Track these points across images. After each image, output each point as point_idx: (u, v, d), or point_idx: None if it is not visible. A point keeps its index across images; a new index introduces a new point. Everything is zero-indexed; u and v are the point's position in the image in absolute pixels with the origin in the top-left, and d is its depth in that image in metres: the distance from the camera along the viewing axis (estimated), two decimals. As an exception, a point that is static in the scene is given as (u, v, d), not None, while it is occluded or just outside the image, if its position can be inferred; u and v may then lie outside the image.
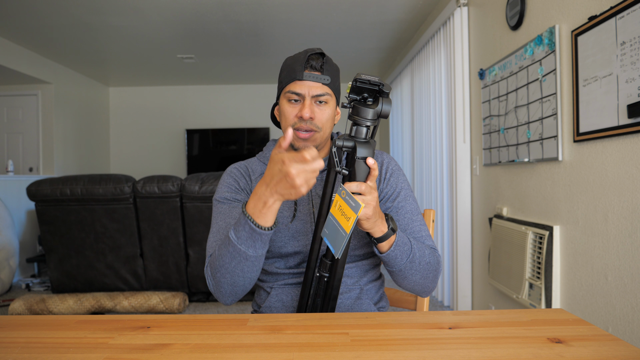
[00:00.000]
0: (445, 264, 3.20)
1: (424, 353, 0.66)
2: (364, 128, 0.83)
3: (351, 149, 0.83)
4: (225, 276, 0.89)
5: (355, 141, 0.83)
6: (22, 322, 0.83)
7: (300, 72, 0.96)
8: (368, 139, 0.84)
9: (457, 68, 2.86)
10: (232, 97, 6.41)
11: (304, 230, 1.02)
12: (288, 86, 0.98)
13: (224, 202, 1.02)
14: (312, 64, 0.97)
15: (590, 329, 0.75)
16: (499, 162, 2.41)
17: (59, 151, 5.07)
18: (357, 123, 0.82)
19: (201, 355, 0.66)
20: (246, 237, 0.84)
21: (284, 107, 0.99)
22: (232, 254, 0.86)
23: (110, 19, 3.68)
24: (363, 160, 0.82)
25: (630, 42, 1.44)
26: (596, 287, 1.67)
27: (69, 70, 5.26)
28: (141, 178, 3.06)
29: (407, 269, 0.92)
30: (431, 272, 0.96)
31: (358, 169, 0.82)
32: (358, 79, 0.79)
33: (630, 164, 1.47)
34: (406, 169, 4.50)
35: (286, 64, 1.01)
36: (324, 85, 0.97)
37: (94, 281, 3.15)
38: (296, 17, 3.74)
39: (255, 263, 0.88)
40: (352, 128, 0.83)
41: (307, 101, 0.96)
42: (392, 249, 0.89)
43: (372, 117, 0.81)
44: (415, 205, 1.05)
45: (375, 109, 0.81)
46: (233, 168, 1.09)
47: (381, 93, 0.82)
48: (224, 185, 1.05)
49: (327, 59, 0.99)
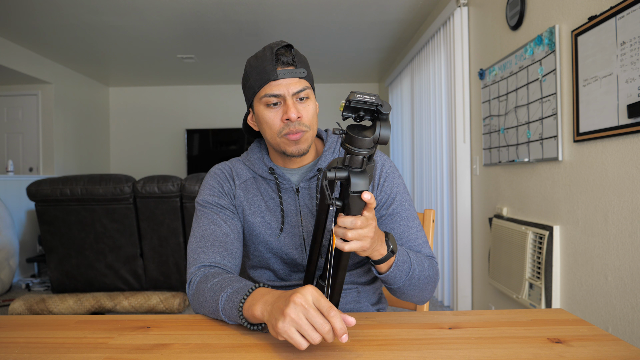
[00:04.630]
0: (445, 264, 3.20)
1: (424, 353, 0.66)
2: (358, 157, 0.71)
3: (345, 179, 0.72)
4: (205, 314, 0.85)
5: (349, 171, 0.71)
6: (22, 322, 0.83)
7: (273, 72, 0.86)
8: (364, 168, 0.72)
9: (457, 68, 2.86)
10: (232, 97, 6.41)
11: (292, 244, 0.97)
12: (262, 90, 0.88)
13: (207, 207, 0.97)
14: (283, 59, 0.87)
15: (590, 329, 0.75)
16: (499, 162, 2.41)
17: (59, 151, 5.07)
18: (352, 153, 0.70)
19: (201, 355, 0.66)
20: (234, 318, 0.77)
21: (264, 115, 0.90)
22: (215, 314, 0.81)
23: (110, 19, 3.68)
24: (358, 195, 0.71)
25: (630, 42, 1.44)
26: (596, 287, 1.67)
27: (69, 70, 5.26)
28: (141, 178, 3.06)
29: (406, 286, 0.88)
30: (430, 285, 0.92)
31: (353, 204, 0.71)
32: (352, 100, 0.67)
33: (630, 164, 1.47)
34: (406, 169, 4.50)
35: (252, 67, 0.90)
36: (302, 79, 0.89)
37: (94, 281, 3.15)
38: (296, 17, 3.74)
39: None
40: (345, 156, 0.72)
41: (290, 101, 0.88)
42: (392, 270, 0.84)
43: (368, 147, 0.70)
44: (411, 210, 0.99)
45: (372, 137, 0.68)
46: (217, 170, 1.02)
47: (379, 114, 0.70)
48: (207, 187, 0.99)
49: (295, 50, 0.90)
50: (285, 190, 0.98)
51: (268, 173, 0.99)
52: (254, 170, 1.01)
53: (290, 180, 0.98)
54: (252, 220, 0.98)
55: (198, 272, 0.89)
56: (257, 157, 1.01)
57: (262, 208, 0.99)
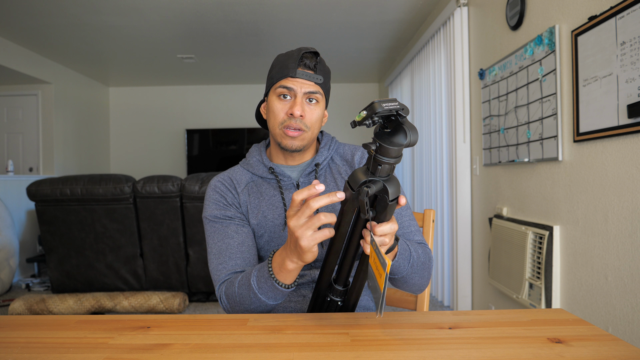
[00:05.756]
0: (445, 264, 3.20)
1: (424, 353, 0.66)
2: (387, 165, 0.71)
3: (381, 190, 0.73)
4: (243, 310, 0.90)
5: (382, 182, 0.72)
6: (22, 322, 0.83)
7: (293, 69, 0.94)
8: (391, 174, 0.73)
9: (457, 68, 2.86)
10: (232, 97, 6.41)
11: None
12: (279, 82, 0.96)
13: (216, 222, 0.99)
14: (306, 62, 0.95)
15: (590, 329, 0.75)
16: (499, 162, 2.41)
17: (59, 151, 5.07)
18: (384, 162, 0.70)
19: (201, 355, 0.66)
20: (267, 289, 0.84)
21: (273, 104, 0.97)
22: (253, 300, 0.86)
23: (110, 19, 3.68)
24: (396, 201, 0.73)
25: (630, 42, 1.44)
26: (596, 287, 1.67)
27: (69, 70, 5.26)
28: (141, 178, 3.06)
29: (409, 274, 0.91)
30: (426, 271, 0.96)
31: (390, 211, 0.73)
32: (379, 112, 0.65)
33: (630, 164, 1.47)
34: (406, 169, 4.50)
35: (278, 60, 0.99)
36: (316, 85, 0.96)
37: (94, 281, 3.15)
38: (296, 17, 3.74)
39: (274, 307, 0.89)
40: (377, 167, 0.71)
41: (299, 98, 0.94)
42: (396, 259, 0.87)
43: (399, 154, 0.69)
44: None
45: (403, 143, 0.67)
46: (217, 182, 1.04)
47: (398, 117, 0.68)
48: (211, 202, 1.01)
49: (320, 59, 0.97)
50: (286, 186, 1.02)
51: (268, 173, 1.03)
52: (254, 172, 1.04)
53: (290, 177, 1.02)
54: (258, 221, 1.00)
55: (223, 286, 0.94)
56: (256, 159, 1.05)
57: (265, 207, 1.01)
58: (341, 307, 0.88)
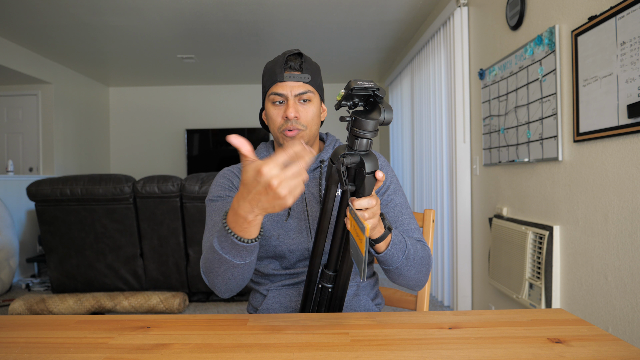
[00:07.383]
0: (445, 264, 3.20)
1: (424, 353, 0.66)
2: (365, 140, 0.77)
3: (356, 163, 0.79)
4: (217, 278, 0.88)
5: (360, 155, 0.78)
6: (22, 322, 0.83)
7: (280, 74, 0.98)
8: (369, 149, 0.79)
9: (457, 68, 2.86)
10: (232, 97, 6.41)
11: (298, 228, 1.02)
12: (271, 89, 1.00)
13: (217, 200, 1.02)
14: (291, 64, 0.99)
15: (590, 329, 0.75)
16: (499, 162, 2.41)
17: (59, 151, 5.07)
18: (361, 136, 0.76)
19: (201, 355, 0.66)
20: (230, 248, 0.81)
21: (269, 110, 1.01)
22: (219, 261, 0.84)
23: (110, 19, 3.68)
24: (372, 175, 0.78)
25: (630, 42, 1.44)
26: (596, 287, 1.67)
27: (69, 70, 5.26)
28: (141, 178, 3.06)
29: (403, 265, 0.92)
30: (424, 266, 0.97)
31: (368, 185, 0.78)
32: (355, 88, 0.72)
33: (630, 164, 1.47)
34: (406, 169, 4.50)
35: (267, 69, 1.03)
36: (305, 84, 1.00)
37: (94, 281, 3.15)
38: (296, 17, 3.74)
39: (245, 269, 0.86)
40: (354, 141, 0.77)
41: (291, 101, 0.98)
42: (389, 248, 0.88)
43: (374, 129, 0.76)
44: (403, 198, 1.06)
45: (378, 118, 0.74)
46: (226, 170, 1.09)
47: (376, 98, 0.76)
48: (217, 185, 1.05)
49: (305, 58, 1.01)
50: None
51: None
52: None
53: None
54: None
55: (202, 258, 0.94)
56: (263, 155, 1.09)
57: None
58: (331, 293, 0.91)
